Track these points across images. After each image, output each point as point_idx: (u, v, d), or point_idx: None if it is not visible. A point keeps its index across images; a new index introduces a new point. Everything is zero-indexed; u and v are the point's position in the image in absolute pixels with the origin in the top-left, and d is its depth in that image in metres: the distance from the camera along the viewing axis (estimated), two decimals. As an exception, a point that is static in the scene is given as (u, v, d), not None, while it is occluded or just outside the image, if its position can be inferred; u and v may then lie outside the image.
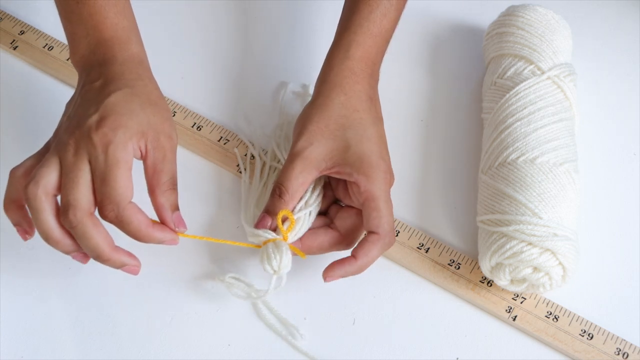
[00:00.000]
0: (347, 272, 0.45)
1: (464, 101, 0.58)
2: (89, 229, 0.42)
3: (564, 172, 0.48)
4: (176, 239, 0.45)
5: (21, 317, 0.49)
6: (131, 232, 0.43)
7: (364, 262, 0.45)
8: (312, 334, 0.48)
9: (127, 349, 0.47)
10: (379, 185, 0.46)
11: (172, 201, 0.44)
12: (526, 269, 0.46)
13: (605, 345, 0.47)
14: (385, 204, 0.46)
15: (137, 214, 0.43)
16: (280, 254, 0.45)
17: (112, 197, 0.41)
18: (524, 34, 0.54)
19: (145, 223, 0.43)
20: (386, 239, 0.45)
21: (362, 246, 0.45)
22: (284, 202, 0.46)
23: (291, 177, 0.46)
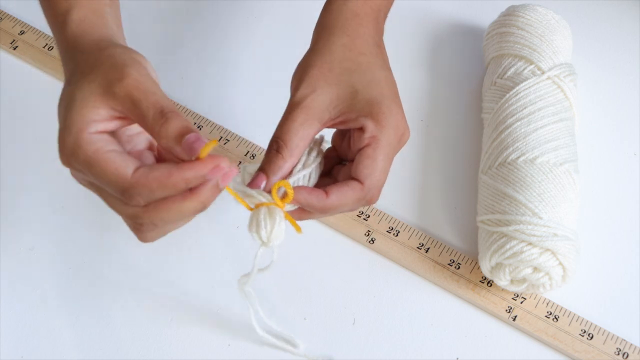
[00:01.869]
0: (310, 204, 0.39)
1: (464, 101, 0.58)
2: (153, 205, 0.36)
3: (564, 172, 0.48)
4: (209, 166, 0.35)
5: (21, 317, 0.49)
6: (160, 192, 0.35)
7: (332, 204, 0.39)
8: (312, 334, 0.48)
9: (127, 349, 0.47)
10: (388, 135, 0.40)
11: (172, 132, 0.35)
12: (526, 269, 0.46)
13: (605, 345, 0.47)
14: (385, 159, 0.40)
15: (148, 173, 0.35)
16: (272, 222, 0.39)
17: (117, 188, 0.36)
18: (524, 34, 0.54)
19: (164, 173, 0.35)
20: (368, 194, 0.40)
21: (339, 187, 0.40)
22: (282, 159, 0.39)
23: (291, 130, 0.40)
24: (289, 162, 0.40)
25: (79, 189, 0.54)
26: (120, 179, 0.35)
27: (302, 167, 0.41)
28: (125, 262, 0.51)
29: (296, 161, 0.40)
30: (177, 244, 0.52)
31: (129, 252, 0.51)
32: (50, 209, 0.53)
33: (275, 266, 0.40)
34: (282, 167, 0.39)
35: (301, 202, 0.39)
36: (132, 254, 0.51)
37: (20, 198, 0.54)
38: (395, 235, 0.51)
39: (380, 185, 0.40)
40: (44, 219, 0.53)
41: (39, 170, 0.55)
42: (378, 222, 0.52)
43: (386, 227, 0.51)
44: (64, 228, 0.52)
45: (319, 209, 0.39)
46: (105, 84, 0.36)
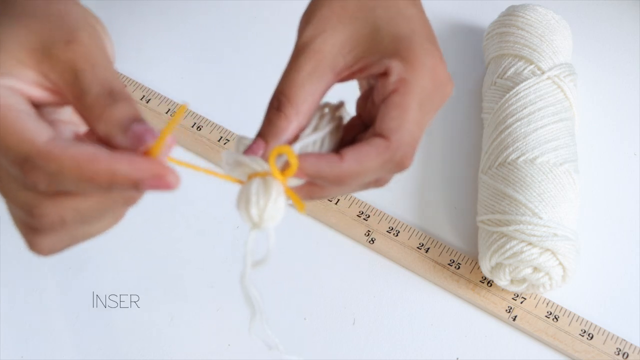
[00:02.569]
0: (319, 172, 0.29)
1: (464, 101, 0.58)
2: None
3: (564, 172, 0.48)
4: (154, 169, 0.26)
5: (21, 317, 0.49)
6: (73, 180, 0.26)
7: (350, 169, 0.29)
8: (312, 334, 0.48)
9: (126, 349, 0.47)
10: (421, 78, 0.31)
11: (117, 117, 0.27)
12: (526, 269, 0.46)
13: (605, 345, 0.47)
14: (418, 108, 0.30)
15: (69, 147, 0.26)
16: (266, 196, 0.30)
17: (14, 155, 0.26)
18: (524, 34, 0.54)
19: (86, 155, 0.26)
20: (397, 154, 0.30)
21: (357, 147, 0.30)
22: (285, 118, 0.31)
23: (295, 81, 0.31)
24: (294, 122, 0.31)
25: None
26: (25, 143, 0.26)
27: (312, 131, 0.32)
28: (125, 262, 0.51)
29: (304, 122, 0.31)
30: (177, 243, 0.52)
31: (129, 252, 0.51)
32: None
33: (273, 262, 0.37)
34: (285, 129, 0.31)
35: (308, 172, 0.29)
36: (132, 254, 0.51)
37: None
38: (395, 235, 0.51)
39: (414, 143, 0.30)
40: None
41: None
42: (378, 222, 0.52)
43: (386, 227, 0.51)
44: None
45: (332, 179, 0.30)
46: (45, 40, 0.28)
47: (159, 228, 0.52)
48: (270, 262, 0.31)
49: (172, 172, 0.27)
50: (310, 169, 0.29)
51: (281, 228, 0.52)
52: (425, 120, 0.31)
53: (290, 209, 0.56)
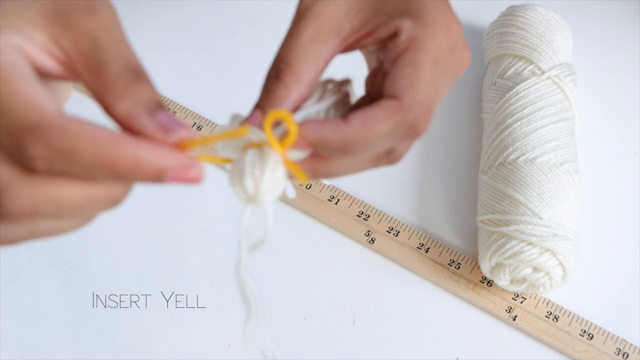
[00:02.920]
0: (323, 138, 0.27)
1: (464, 101, 0.58)
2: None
3: (564, 172, 0.48)
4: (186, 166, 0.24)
5: (21, 317, 0.49)
6: (88, 160, 0.23)
7: (356, 133, 0.27)
8: (312, 334, 0.48)
9: (126, 349, 0.47)
10: (435, 36, 0.28)
11: (144, 98, 0.25)
12: (526, 269, 0.46)
13: (605, 345, 0.47)
14: (433, 67, 0.28)
15: (84, 124, 0.24)
16: (263, 166, 0.26)
17: (17, 122, 0.23)
18: (524, 34, 0.54)
19: (108, 135, 0.23)
20: (409, 115, 0.27)
21: (364, 110, 0.27)
22: (285, 87, 0.28)
23: (296, 47, 0.29)
24: (295, 92, 0.28)
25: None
26: (34, 110, 0.23)
27: (315, 103, 0.29)
28: (125, 262, 0.51)
29: (305, 92, 0.29)
30: (177, 243, 0.52)
31: (129, 252, 0.51)
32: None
33: (273, 262, 0.35)
34: (284, 98, 0.28)
35: (310, 139, 0.26)
36: (132, 254, 0.51)
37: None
38: (395, 235, 0.51)
39: (429, 104, 0.28)
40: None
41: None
42: (378, 222, 0.52)
43: (386, 227, 0.51)
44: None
45: (337, 145, 0.27)
46: (62, 5, 0.25)
47: (159, 228, 0.52)
48: (269, 246, 0.28)
49: (199, 165, 0.25)
50: (311, 135, 0.26)
51: (281, 228, 0.53)
52: (441, 83, 0.28)
53: (289, 211, 0.55)
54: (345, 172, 0.29)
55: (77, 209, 0.24)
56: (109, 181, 0.24)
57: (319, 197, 0.53)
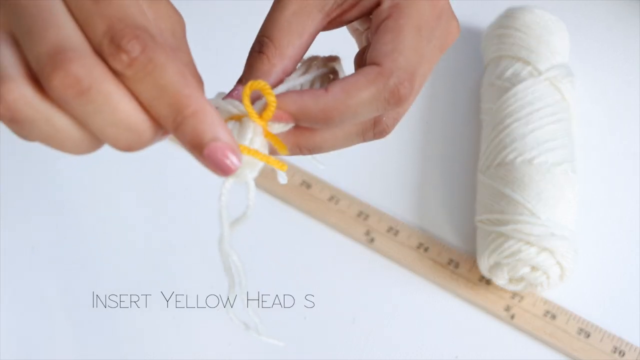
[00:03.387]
0: (303, 108, 0.26)
1: (463, 102, 0.59)
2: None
3: (562, 172, 0.49)
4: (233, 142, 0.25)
5: (21, 317, 0.49)
6: (163, 84, 0.23)
7: (337, 101, 0.26)
8: (312, 334, 0.48)
9: (126, 349, 0.47)
10: (418, 4, 0.28)
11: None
12: (524, 268, 0.47)
13: (602, 343, 0.47)
14: (415, 33, 0.27)
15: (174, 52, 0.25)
16: (242, 139, 0.26)
17: (129, 17, 0.23)
18: (522, 35, 0.55)
19: (191, 79, 0.24)
20: (390, 80, 0.26)
21: (344, 78, 0.27)
22: (267, 61, 0.28)
23: (279, 21, 0.28)
24: (278, 65, 0.28)
25: (79, 188, 0.54)
26: (146, 19, 0.24)
27: (299, 76, 0.28)
28: (125, 262, 0.51)
29: (290, 66, 0.28)
30: (177, 243, 0.52)
31: (129, 252, 0.51)
32: (51, 208, 0.53)
33: (273, 262, 0.35)
34: (266, 73, 0.28)
35: (290, 109, 0.26)
36: (132, 254, 0.51)
37: (21, 198, 0.54)
38: (395, 235, 0.52)
39: (411, 69, 0.27)
40: (45, 219, 0.53)
41: (40, 170, 0.55)
42: (377, 221, 0.52)
43: (385, 227, 0.52)
44: (64, 228, 0.52)
45: (318, 115, 0.26)
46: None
47: (159, 228, 0.53)
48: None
49: (240, 157, 0.25)
50: (291, 105, 0.26)
51: (281, 228, 0.53)
52: (425, 49, 0.28)
53: (289, 211, 0.55)
54: (332, 146, 0.29)
55: (115, 119, 0.24)
56: (161, 118, 0.24)
57: (319, 197, 0.53)
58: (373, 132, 0.29)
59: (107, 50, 0.23)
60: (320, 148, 0.29)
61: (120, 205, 0.53)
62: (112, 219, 0.53)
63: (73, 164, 0.55)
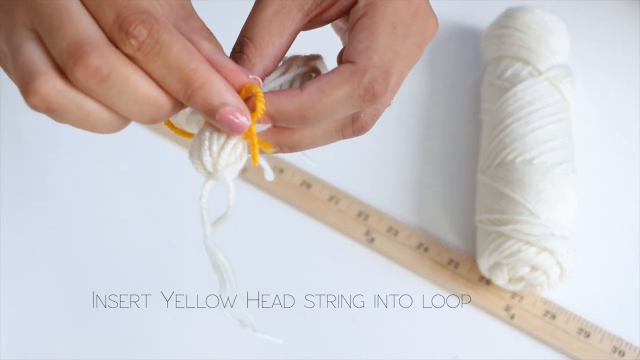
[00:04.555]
0: (280, 107, 0.27)
1: (462, 102, 0.59)
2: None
3: (562, 172, 0.49)
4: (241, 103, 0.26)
5: (21, 317, 0.49)
6: (171, 61, 0.25)
7: (312, 100, 0.27)
8: (312, 334, 0.48)
9: (127, 348, 0.47)
10: (393, 2, 0.28)
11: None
12: (524, 268, 0.47)
13: (602, 343, 0.47)
14: (389, 31, 0.28)
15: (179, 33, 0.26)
16: (219, 140, 0.27)
17: (134, 3, 0.25)
18: (522, 35, 0.55)
19: (196, 52, 0.26)
20: (364, 78, 0.27)
21: (319, 77, 0.28)
22: (247, 60, 0.28)
23: (259, 22, 0.29)
24: (258, 65, 0.28)
25: (79, 189, 0.54)
26: (151, 4, 0.26)
27: (278, 76, 0.29)
28: (125, 262, 0.51)
29: (270, 66, 0.29)
30: (177, 243, 0.52)
31: (129, 252, 0.51)
32: (51, 208, 0.53)
33: (272, 261, 0.36)
34: (246, 72, 0.28)
35: (267, 110, 0.27)
36: (132, 254, 0.51)
37: (21, 198, 0.54)
38: (395, 235, 0.52)
39: (385, 67, 0.27)
40: (45, 219, 0.53)
41: (40, 170, 0.55)
42: (377, 221, 0.52)
43: (385, 227, 0.52)
44: (64, 228, 0.52)
45: (294, 115, 0.27)
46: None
47: (158, 228, 0.53)
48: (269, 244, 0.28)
49: (249, 115, 0.26)
50: (267, 106, 0.27)
51: (281, 228, 0.53)
52: (401, 46, 0.28)
53: (289, 211, 0.55)
54: (311, 143, 0.29)
55: (136, 97, 0.26)
56: (174, 92, 0.26)
57: (319, 197, 0.53)
58: (352, 128, 0.30)
59: (118, 37, 0.25)
60: (300, 146, 0.29)
61: (120, 206, 0.53)
62: (112, 219, 0.53)
63: (73, 164, 0.55)
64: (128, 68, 0.25)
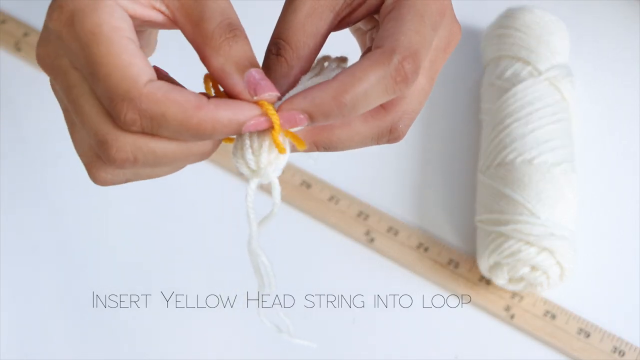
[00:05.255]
0: (315, 98, 0.27)
1: (463, 102, 0.59)
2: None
3: (562, 172, 0.49)
4: (260, 114, 0.27)
5: (21, 317, 0.49)
6: (175, 126, 0.26)
7: (345, 84, 0.27)
8: (312, 334, 0.48)
9: (126, 349, 0.48)
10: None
11: (237, 56, 0.27)
12: (524, 268, 0.47)
13: (602, 343, 0.47)
14: (419, 18, 0.28)
15: (170, 91, 0.26)
16: (261, 139, 0.28)
17: (113, 89, 0.26)
18: (522, 35, 0.55)
19: (191, 102, 0.26)
20: (396, 60, 0.27)
21: (349, 66, 0.28)
22: (285, 63, 0.29)
23: (294, 24, 0.29)
24: (296, 67, 0.29)
25: (80, 189, 0.54)
26: (128, 80, 0.25)
27: (313, 77, 0.29)
28: (125, 262, 0.51)
29: (306, 67, 0.29)
30: (177, 243, 0.52)
31: (129, 252, 0.51)
32: (51, 208, 0.53)
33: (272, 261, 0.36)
34: (286, 75, 0.29)
35: (302, 106, 0.27)
36: (132, 254, 0.51)
37: (21, 198, 0.54)
38: (395, 235, 0.52)
39: (414, 49, 0.27)
40: (45, 219, 0.53)
41: (40, 170, 0.55)
42: (377, 221, 0.52)
43: (385, 227, 0.52)
44: (64, 228, 0.52)
45: (330, 104, 0.27)
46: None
47: (159, 228, 0.53)
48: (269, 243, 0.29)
49: (264, 114, 0.27)
50: (302, 102, 0.27)
51: (281, 227, 0.53)
52: (429, 32, 0.28)
53: (289, 211, 0.55)
54: (347, 145, 0.30)
55: (171, 160, 0.27)
56: (193, 144, 0.27)
57: (319, 197, 0.53)
58: (388, 137, 0.30)
59: (121, 125, 0.26)
60: (336, 146, 0.30)
61: (120, 206, 0.53)
62: (112, 219, 0.53)
63: (73, 164, 0.55)
64: (149, 144, 0.26)
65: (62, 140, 0.56)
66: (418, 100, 0.30)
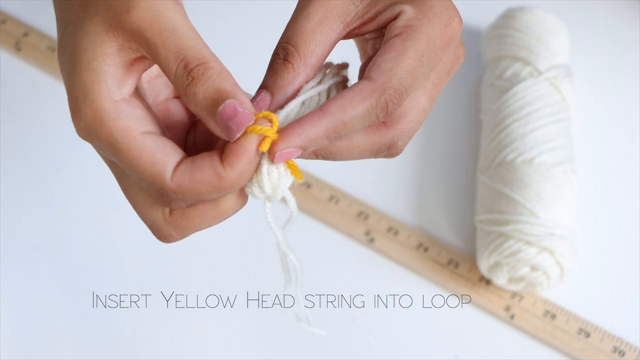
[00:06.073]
0: (308, 135, 0.27)
1: (462, 102, 0.59)
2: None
3: (561, 172, 0.49)
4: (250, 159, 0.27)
5: (21, 317, 0.49)
6: (207, 195, 0.28)
7: (335, 120, 0.27)
8: (312, 334, 0.48)
9: (127, 348, 0.48)
10: (429, 29, 0.29)
11: (200, 99, 0.27)
12: (524, 268, 0.47)
13: (602, 343, 0.47)
14: (417, 59, 0.28)
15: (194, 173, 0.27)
16: (259, 170, 0.28)
17: (150, 187, 0.27)
18: (522, 36, 0.55)
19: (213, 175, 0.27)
20: (382, 97, 0.28)
21: (340, 94, 0.28)
22: (292, 70, 0.29)
23: (304, 30, 0.29)
24: (302, 75, 0.29)
25: (80, 189, 0.54)
26: (158, 179, 0.27)
27: (315, 85, 0.29)
28: (125, 262, 0.51)
29: (311, 75, 0.29)
30: (177, 243, 0.52)
31: (129, 252, 0.51)
32: (51, 209, 0.53)
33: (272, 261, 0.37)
34: (291, 82, 0.29)
35: (297, 143, 0.28)
36: (132, 254, 0.51)
37: (21, 198, 0.54)
38: (395, 235, 0.52)
39: (402, 90, 0.28)
40: (45, 219, 0.53)
41: (41, 170, 0.55)
42: (377, 221, 0.52)
43: (385, 227, 0.52)
44: (64, 228, 0.53)
45: (322, 137, 0.28)
46: (110, 17, 0.26)
47: (159, 228, 0.53)
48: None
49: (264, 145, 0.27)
50: (296, 139, 0.27)
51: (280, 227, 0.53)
52: (424, 72, 0.29)
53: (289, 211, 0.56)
54: (345, 157, 0.31)
55: (216, 220, 0.30)
56: (214, 200, 0.29)
57: (319, 197, 0.53)
58: (386, 152, 0.31)
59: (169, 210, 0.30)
60: (335, 157, 0.31)
61: (120, 206, 0.53)
62: (112, 219, 0.53)
63: (73, 164, 0.55)
64: (188, 222, 0.29)
65: (62, 141, 0.57)
66: (418, 119, 0.31)
